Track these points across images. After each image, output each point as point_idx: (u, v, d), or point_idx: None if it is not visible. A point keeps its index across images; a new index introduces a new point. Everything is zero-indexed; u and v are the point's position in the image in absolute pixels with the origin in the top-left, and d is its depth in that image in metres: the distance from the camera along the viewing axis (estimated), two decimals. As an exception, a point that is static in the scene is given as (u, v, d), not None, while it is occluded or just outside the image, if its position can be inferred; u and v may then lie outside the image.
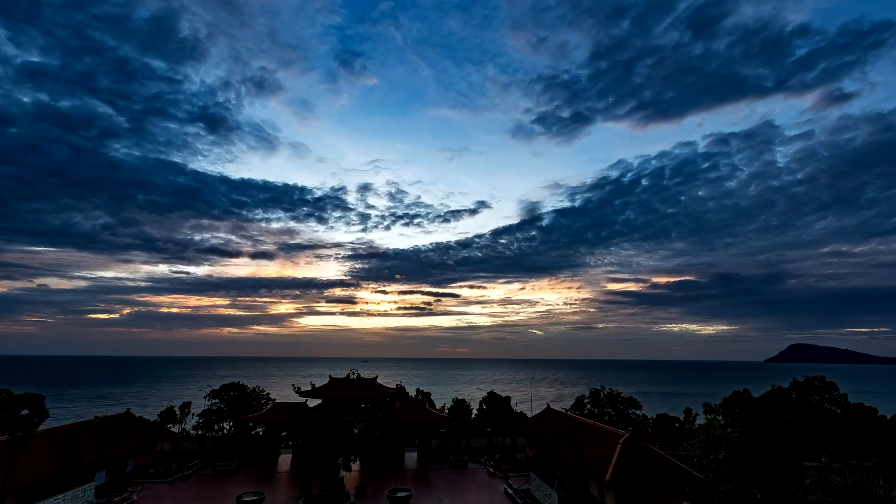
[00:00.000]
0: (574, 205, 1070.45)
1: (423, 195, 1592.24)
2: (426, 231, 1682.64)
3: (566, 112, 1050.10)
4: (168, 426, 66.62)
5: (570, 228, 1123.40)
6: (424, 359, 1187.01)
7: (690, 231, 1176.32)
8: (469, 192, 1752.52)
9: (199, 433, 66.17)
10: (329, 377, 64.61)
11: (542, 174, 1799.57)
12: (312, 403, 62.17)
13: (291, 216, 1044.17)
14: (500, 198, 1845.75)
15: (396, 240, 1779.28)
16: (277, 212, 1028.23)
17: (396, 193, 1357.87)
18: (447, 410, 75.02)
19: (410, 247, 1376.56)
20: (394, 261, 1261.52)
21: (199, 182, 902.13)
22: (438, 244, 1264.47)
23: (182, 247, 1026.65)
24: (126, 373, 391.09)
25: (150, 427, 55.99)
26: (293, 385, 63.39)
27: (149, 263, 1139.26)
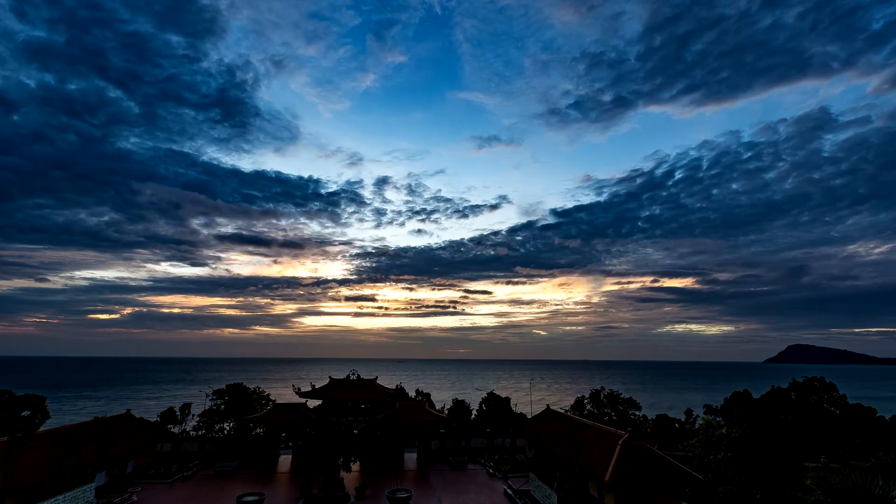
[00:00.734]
0: (599, 199, 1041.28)
1: (444, 188, 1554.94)
2: (442, 227, 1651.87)
3: (608, 95, 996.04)
4: (168, 427, 66.68)
5: (591, 224, 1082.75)
6: (428, 360, 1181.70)
7: (715, 228, 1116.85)
8: (491, 186, 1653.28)
9: (200, 434, 66.21)
10: (329, 378, 64.69)
11: (572, 166, 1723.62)
12: (312, 404, 62.25)
13: (303, 211, 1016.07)
14: (523, 191, 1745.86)
15: (408, 237, 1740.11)
16: (289, 206, 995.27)
17: (416, 187, 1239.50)
18: (447, 411, 75.05)
19: (423, 245, 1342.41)
20: (403, 259, 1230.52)
21: (210, 175, 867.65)
22: (451, 242, 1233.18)
23: (187, 244, 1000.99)
24: (126, 373, 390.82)
25: (151, 428, 56.03)
26: (293, 386, 63.48)
27: (151, 261, 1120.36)
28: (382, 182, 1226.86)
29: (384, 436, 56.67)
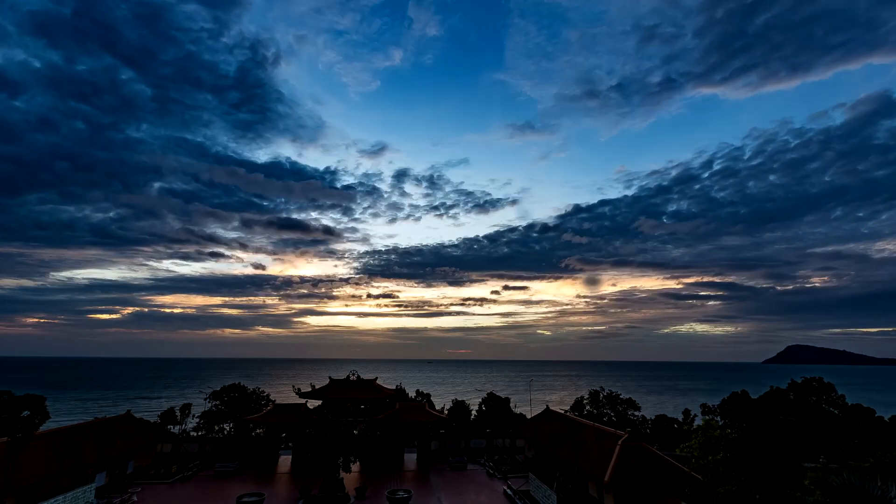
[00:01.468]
0: (627, 193, 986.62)
1: (466, 181, 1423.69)
2: (458, 223, 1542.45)
3: (656, 76, 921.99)
4: (168, 427, 66.69)
5: (613, 219, 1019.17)
6: (429, 360, 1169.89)
7: (742, 224, 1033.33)
8: (515, 179, 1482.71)
9: (200, 434, 66.22)
10: (329, 378, 64.75)
11: (604, 157, 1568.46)
12: (312, 405, 62.30)
13: (315, 205, 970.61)
14: (548, 184, 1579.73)
15: (422, 233, 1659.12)
16: (301, 201, 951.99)
17: (437, 179, 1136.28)
18: (447, 411, 75.11)
19: (435, 243, 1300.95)
20: (414, 258, 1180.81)
21: (223, 166, 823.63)
22: (465, 239, 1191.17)
23: (191, 240, 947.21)
24: (127, 374, 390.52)
25: (151, 428, 56.02)
26: (293, 386, 63.55)
27: (153, 258, 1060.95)
28: (402, 174, 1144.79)
29: (384, 436, 56.73)
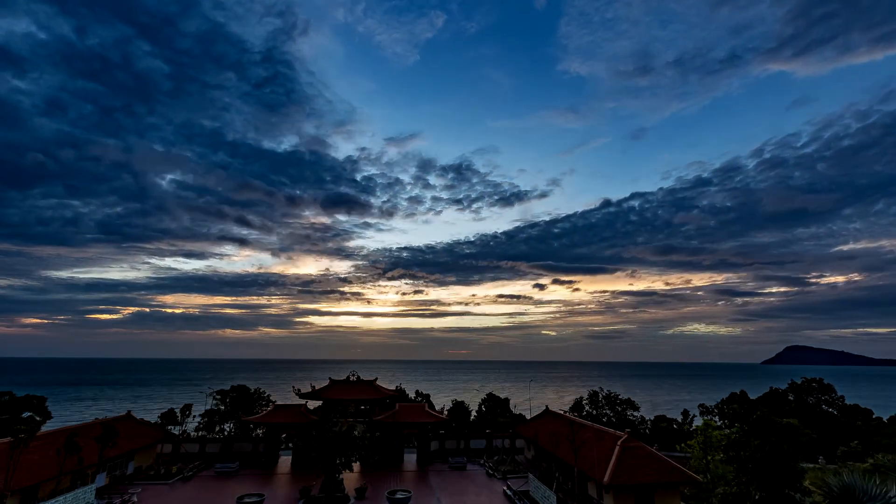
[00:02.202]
0: (663, 185, 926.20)
1: (494, 171, 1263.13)
2: (479, 218, 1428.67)
3: (722, 50, 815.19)
4: (169, 428, 66.71)
5: (642, 216, 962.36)
6: (432, 360, 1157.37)
7: (771, 220, 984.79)
8: (546, 169, 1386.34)
9: (200, 435, 66.28)
10: (329, 379, 64.81)
11: (646, 143, 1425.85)
12: (313, 405, 62.35)
13: (330, 200, 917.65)
14: (581, 173, 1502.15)
15: (439, 229, 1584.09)
16: (316, 193, 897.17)
17: (464, 170, 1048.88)
18: (446, 412, 75.21)
19: (450, 240, 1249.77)
20: (426, 255, 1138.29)
21: (236, 157, 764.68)
22: (483, 235, 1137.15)
23: (197, 238, 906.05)
24: (127, 375, 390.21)
25: (151, 429, 56.11)
26: (293, 386, 63.62)
27: (156, 256, 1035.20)
28: (427, 164, 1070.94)
29: (384, 436, 56.83)
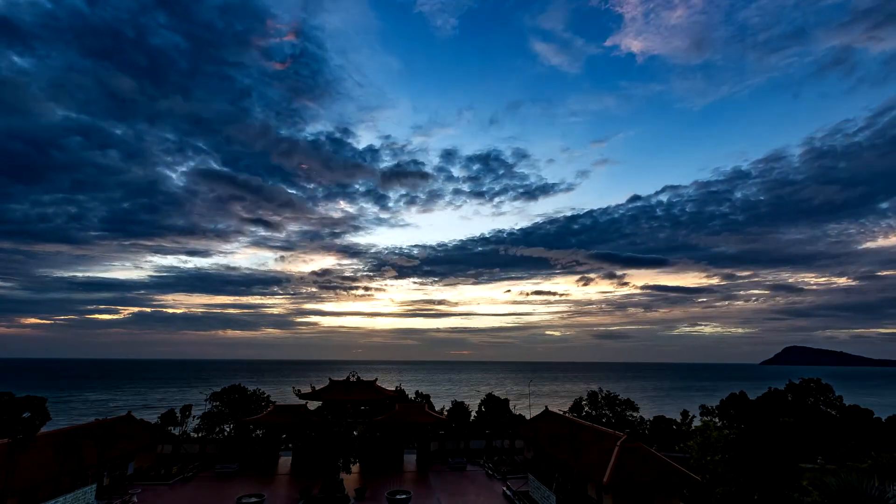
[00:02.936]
0: (698, 178, 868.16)
1: (521, 162, 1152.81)
2: (498, 213, 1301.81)
3: (788, 23, 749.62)
4: (169, 428, 66.69)
5: (669, 212, 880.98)
6: (432, 361, 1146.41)
7: (807, 214, 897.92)
8: (578, 159, 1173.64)
9: (200, 435, 66.27)
10: (329, 379, 64.84)
11: (687, 132, 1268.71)
12: (313, 406, 62.39)
13: (346, 193, 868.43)
14: (622, 163, 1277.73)
15: (454, 225, 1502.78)
16: (331, 186, 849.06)
17: (491, 160, 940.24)
18: (446, 412, 75.24)
19: (463, 237, 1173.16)
20: (437, 252, 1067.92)
21: (251, 146, 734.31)
22: (497, 231, 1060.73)
23: (202, 235, 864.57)
24: (127, 375, 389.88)
25: (151, 429, 56.11)
26: (293, 387, 63.68)
27: (158, 254, 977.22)
28: (452, 154, 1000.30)
29: (384, 437, 56.88)
